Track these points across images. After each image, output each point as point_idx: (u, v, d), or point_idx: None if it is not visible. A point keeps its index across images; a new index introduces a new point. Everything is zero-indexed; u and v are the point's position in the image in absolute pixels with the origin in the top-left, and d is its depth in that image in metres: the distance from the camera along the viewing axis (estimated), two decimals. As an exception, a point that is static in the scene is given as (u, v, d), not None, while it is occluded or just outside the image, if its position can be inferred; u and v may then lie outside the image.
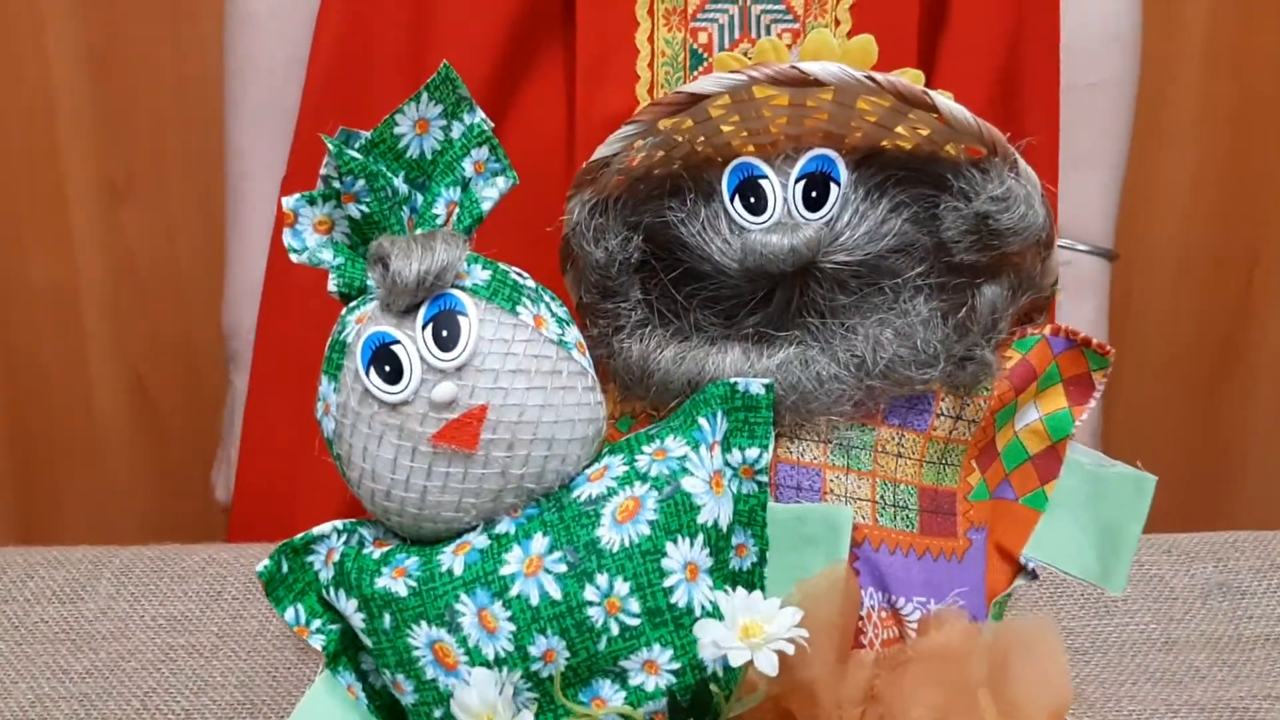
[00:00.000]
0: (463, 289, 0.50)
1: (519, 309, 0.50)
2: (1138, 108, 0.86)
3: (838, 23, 0.77)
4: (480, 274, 0.51)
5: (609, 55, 0.76)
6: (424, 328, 0.49)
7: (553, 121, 0.78)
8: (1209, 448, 1.40)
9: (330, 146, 0.52)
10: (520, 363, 0.49)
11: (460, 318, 0.49)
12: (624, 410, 0.58)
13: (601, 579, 0.48)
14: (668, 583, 0.48)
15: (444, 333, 0.48)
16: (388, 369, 0.48)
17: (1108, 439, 0.89)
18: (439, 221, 0.52)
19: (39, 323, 1.27)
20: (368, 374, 0.49)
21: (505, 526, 0.50)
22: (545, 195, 0.63)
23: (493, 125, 0.52)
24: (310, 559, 0.53)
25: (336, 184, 0.50)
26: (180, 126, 1.24)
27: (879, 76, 0.50)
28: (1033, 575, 0.56)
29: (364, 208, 0.51)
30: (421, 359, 0.48)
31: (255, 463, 0.89)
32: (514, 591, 0.48)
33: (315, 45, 0.81)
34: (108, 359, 1.31)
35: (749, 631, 0.46)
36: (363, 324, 0.50)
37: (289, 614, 0.52)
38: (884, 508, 0.53)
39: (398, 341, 0.49)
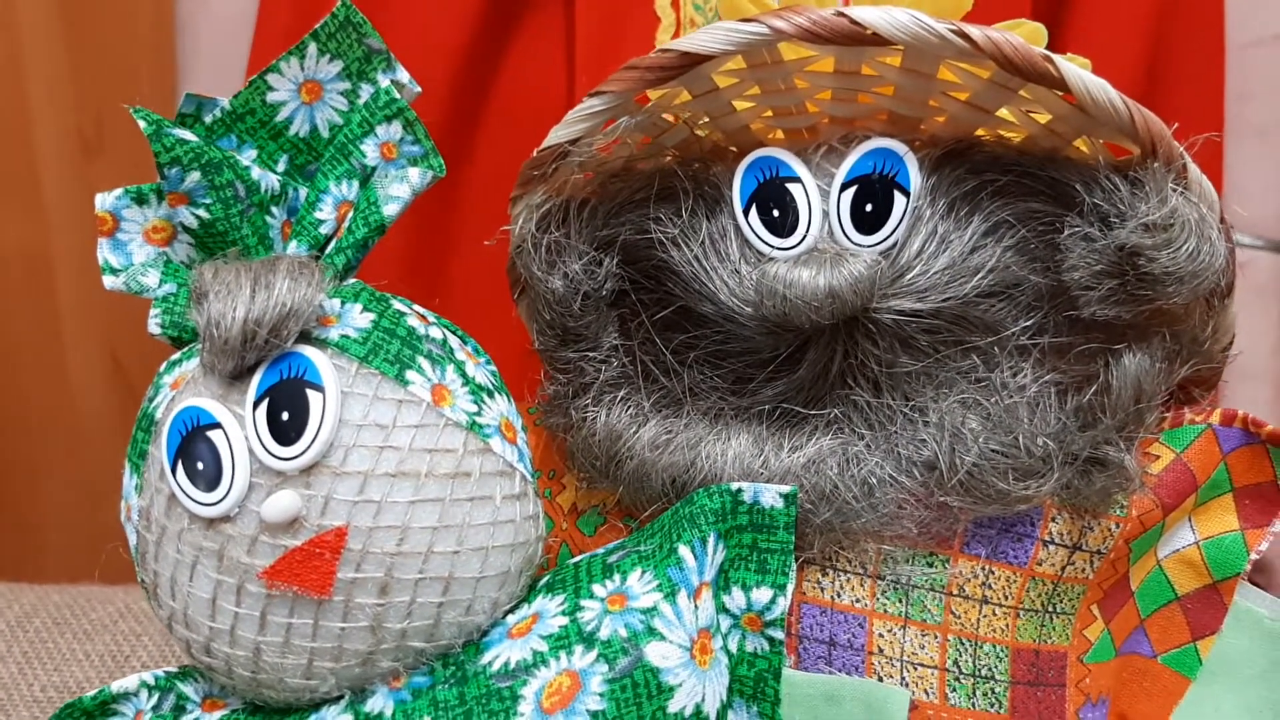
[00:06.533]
0: (323, 344, 0.37)
1: (409, 375, 0.37)
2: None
3: None
4: (356, 319, 0.38)
5: None
6: (255, 405, 0.35)
7: (549, 78, 0.68)
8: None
9: (143, 125, 0.38)
10: (403, 461, 0.36)
11: (310, 391, 0.35)
12: (590, 502, 0.46)
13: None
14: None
15: (284, 414, 0.35)
16: (201, 465, 0.35)
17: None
18: (323, 230, 0.41)
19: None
20: (174, 471, 0.36)
21: (380, 703, 0.37)
22: None
23: (417, 92, 0.42)
24: (110, 724, 0.40)
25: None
26: (156, 75, 1.13)
27: (974, 31, 0.38)
28: (1174, 771, 0.44)
29: (201, 212, 0.39)
30: (250, 453, 0.35)
31: None
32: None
33: None
34: (82, 339, 1.21)
35: None
36: (178, 391, 0.37)
37: None
38: (959, 679, 0.41)
39: (217, 424, 0.36)
